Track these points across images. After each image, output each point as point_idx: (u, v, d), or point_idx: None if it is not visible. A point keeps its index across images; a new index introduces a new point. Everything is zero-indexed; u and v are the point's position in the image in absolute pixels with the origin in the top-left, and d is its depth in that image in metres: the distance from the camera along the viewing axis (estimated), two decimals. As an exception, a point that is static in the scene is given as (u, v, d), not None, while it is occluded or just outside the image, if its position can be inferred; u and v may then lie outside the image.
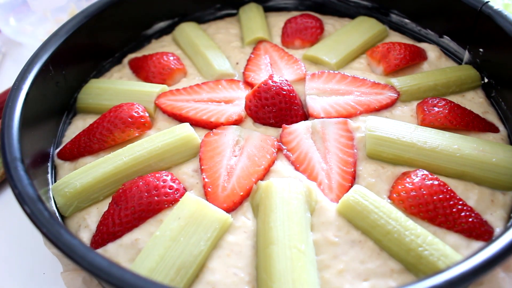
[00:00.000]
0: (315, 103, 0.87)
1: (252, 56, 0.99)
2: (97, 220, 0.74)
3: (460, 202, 0.70)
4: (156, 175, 0.74)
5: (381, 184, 0.75)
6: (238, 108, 0.86)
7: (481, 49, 0.91)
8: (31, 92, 0.78)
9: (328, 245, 0.68)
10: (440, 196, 0.70)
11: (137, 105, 0.85)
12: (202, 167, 0.77)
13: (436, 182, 0.71)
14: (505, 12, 0.84)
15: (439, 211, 0.69)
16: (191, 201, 0.70)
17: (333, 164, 0.77)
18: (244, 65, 0.98)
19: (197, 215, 0.68)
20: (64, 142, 0.88)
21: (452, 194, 0.70)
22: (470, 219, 0.69)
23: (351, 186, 0.74)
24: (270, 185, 0.71)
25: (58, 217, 0.75)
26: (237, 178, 0.75)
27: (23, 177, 0.66)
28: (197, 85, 0.91)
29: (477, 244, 0.68)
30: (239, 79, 0.95)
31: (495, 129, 0.85)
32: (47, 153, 0.85)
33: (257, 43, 1.03)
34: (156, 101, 0.89)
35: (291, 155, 0.80)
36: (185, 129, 0.80)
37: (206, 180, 0.75)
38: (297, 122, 0.84)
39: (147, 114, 0.86)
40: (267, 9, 1.15)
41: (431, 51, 0.99)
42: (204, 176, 0.76)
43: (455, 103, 0.85)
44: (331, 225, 0.70)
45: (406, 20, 1.05)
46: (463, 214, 0.69)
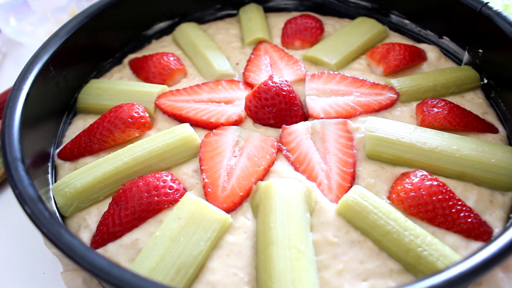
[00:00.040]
0: (315, 104, 0.87)
1: (252, 57, 0.99)
2: (97, 220, 0.74)
3: (459, 203, 0.70)
4: (156, 175, 0.74)
5: (381, 185, 0.75)
6: (238, 109, 0.87)
7: (481, 50, 0.92)
8: (32, 92, 0.78)
9: (328, 245, 0.68)
10: (439, 197, 0.70)
11: (137, 106, 0.85)
12: (202, 168, 0.77)
13: (435, 183, 0.71)
14: (505, 13, 0.84)
15: (438, 212, 0.69)
16: (191, 201, 0.70)
17: (333, 165, 0.77)
18: (244, 66, 0.98)
19: (197, 215, 0.68)
20: (65, 142, 0.88)
21: (451, 195, 0.71)
22: (469, 220, 0.69)
23: (351, 187, 0.74)
24: (270, 186, 0.71)
25: (58, 217, 0.75)
26: (237, 179, 0.75)
27: (24, 177, 0.66)
28: (197, 86, 0.91)
29: (476, 245, 0.69)
30: (239, 80, 0.95)
31: (494, 130, 0.85)
32: (48, 153, 0.85)
33: (257, 44, 1.03)
34: (156, 102, 0.89)
35: (291, 156, 0.80)
36: (185, 130, 0.80)
37: (206, 181, 0.75)
38: (297, 123, 0.84)
39: (147, 115, 0.86)
40: (267, 10, 1.15)
41: (431, 52, 0.99)
42: (204, 177, 0.76)
43: (455, 104, 0.85)
44: (331, 226, 0.70)
45: (406, 21, 1.05)
46: (462, 215, 0.69)
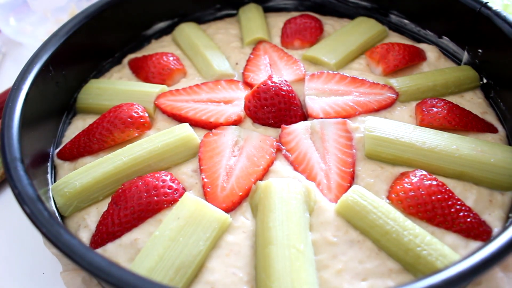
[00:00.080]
0: (314, 104, 0.87)
1: (252, 57, 0.99)
2: (97, 220, 0.74)
3: (459, 202, 0.70)
4: (156, 175, 0.74)
5: (380, 184, 0.75)
6: (238, 109, 0.87)
7: (480, 50, 0.92)
8: (31, 92, 0.78)
9: (327, 245, 0.68)
10: (439, 196, 0.70)
11: (137, 105, 0.85)
12: (201, 167, 0.77)
13: (435, 182, 0.71)
14: (504, 13, 0.84)
15: (438, 211, 0.69)
16: (190, 201, 0.70)
17: (332, 164, 0.77)
18: (244, 66, 0.98)
19: (196, 215, 0.68)
20: (64, 142, 0.88)
21: (451, 194, 0.71)
22: (469, 219, 0.69)
23: (350, 186, 0.74)
24: (269, 185, 0.71)
25: (58, 217, 0.75)
26: (236, 178, 0.75)
27: (23, 177, 0.66)
28: (197, 86, 0.91)
29: (475, 244, 0.69)
30: (239, 80, 0.95)
31: (494, 130, 0.85)
32: (47, 153, 0.85)
33: (257, 44, 1.03)
34: (156, 101, 0.89)
35: (290, 155, 0.80)
36: (185, 129, 0.80)
37: (205, 180, 0.75)
38: (296, 123, 0.84)
39: (147, 114, 0.86)
40: (267, 10, 1.15)
41: (430, 52, 0.99)
42: (203, 176, 0.76)
43: (454, 104, 0.85)
44: (330, 225, 0.70)
45: (406, 21, 1.05)
46: (462, 214, 0.69)
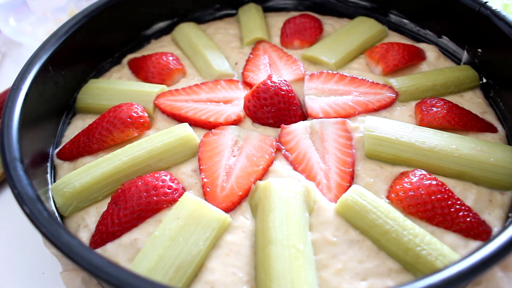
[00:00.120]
0: (314, 103, 0.87)
1: (251, 56, 0.99)
2: (96, 220, 0.74)
3: (458, 202, 0.70)
4: (155, 175, 0.74)
5: (380, 184, 0.75)
6: (237, 108, 0.87)
7: (480, 49, 0.92)
8: (31, 92, 0.78)
9: (327, 245, 0.68)
10: (438, 196, 0.70)
11: (136, 105, 0.85)
12: (201, 167, 0.77)
13: (434, 182, 0.71)
14: (504, 13, 0.84)
15: (437, 211, 0.69)
16: (190, 201, 0.70)
17: (332, 164, 0.77)
18: (243, 65, 0.98)
19: (196, 215, 0.68)
20: (64, 142, 0.88)
21: (450, 194, 0.70)
22: (468, 219, 0.69)
23: (350, 186, 0.74)
24: (269, 185, 0.71)
25: (58, 217, 0.75)
26: (236, 178, 0.75)
27: (23, 177, 0.66)
28: (196, 85, 0.91)
29: (475, 244, 0.69)
30: (238, 79, 0.95)
31: (494, 129, 0.85)
32: (47, 153, 0.85)
33: (256, 43, 1.03)
34: (155, 101, 0.89)
35: (290, 155, 0.80)
36: (184, 129, 0.80)
37: (205, 180, 0.75)
38: (296, 122, 0.84)
39: (146, 114, 0.86)
40: (266, 10, 1.15)
41: (430, 51, 0.99)
42: (203, 176, 0.76)
43: (454, 103, 0.85)
44: (330, 225, 0.70)
45: (405, 20, 1.05)
46: (461, 214, 0.69)
